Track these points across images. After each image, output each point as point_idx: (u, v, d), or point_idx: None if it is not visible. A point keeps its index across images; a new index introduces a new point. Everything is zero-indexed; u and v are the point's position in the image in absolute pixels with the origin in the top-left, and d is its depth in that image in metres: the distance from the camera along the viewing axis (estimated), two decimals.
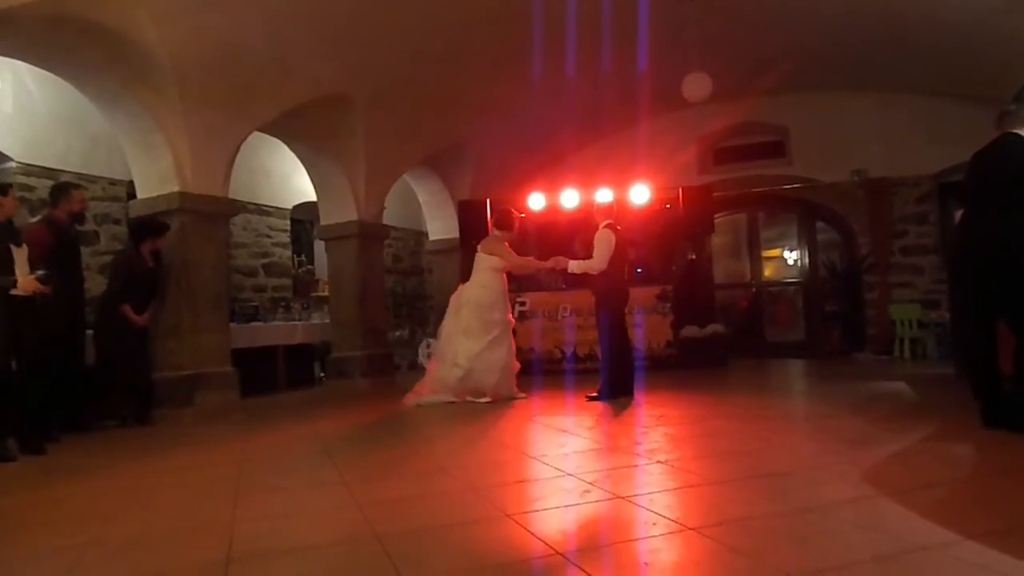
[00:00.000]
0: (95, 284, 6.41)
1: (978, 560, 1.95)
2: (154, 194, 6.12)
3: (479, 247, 6.29)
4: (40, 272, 4.41)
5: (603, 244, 5.76)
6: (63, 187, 5.49)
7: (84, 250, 6.42)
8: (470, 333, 5.99)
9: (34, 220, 5.33)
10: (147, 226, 5.86)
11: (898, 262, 9.91)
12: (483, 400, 5.93)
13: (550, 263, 6.20)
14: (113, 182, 7.09)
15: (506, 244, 6.25)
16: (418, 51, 7.24)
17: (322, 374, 8.88)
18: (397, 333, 10.16)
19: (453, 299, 6.25)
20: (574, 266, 5.94)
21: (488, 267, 6.14)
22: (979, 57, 7.68)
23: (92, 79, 5.73)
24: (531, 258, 6.60)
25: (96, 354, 5.59)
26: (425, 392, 6.12)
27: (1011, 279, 3.74)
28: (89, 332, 5.61)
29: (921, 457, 3.42)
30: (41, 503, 3.25)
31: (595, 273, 5.82)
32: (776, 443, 3.87)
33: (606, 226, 5.85)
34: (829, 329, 10.39)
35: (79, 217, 5.50)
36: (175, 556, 2.35)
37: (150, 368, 5.90)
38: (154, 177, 6.12)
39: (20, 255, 4.40)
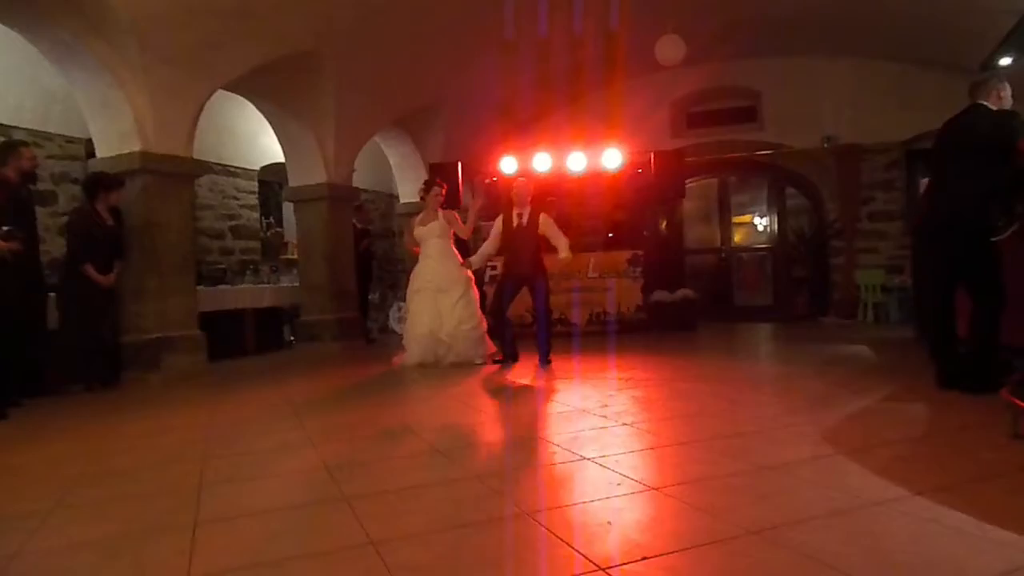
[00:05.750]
0: (56, 246, 6.24)
1: (926, 514, 2.04)
2: (114, 153, 5.93)
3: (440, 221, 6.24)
4: (5, 228, 4.28)
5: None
6: (11, 144, 5.27)
7: (43, 211, 6.24)
8: (464, 303, 6.07)
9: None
10: (99, 181, 5.63)
11: (864, 228, 10.07)
12: (452, 362, 5.99)
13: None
14: (70, 140, 6.85)
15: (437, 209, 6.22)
16: (388, 8, 7.06)
17: (292, 338, 8.82)
18: (368, 296, 10.09)
19: (429, 284, 6.12)
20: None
21: (438, 236, 6.16)
22: (951, 25, 7.74)
23: (45, 31, 5.47)
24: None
25: (60, 317, 5.47)
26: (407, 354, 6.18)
27: (970, 245, 3.84)
28: (52, 295, 5.48)
29: (878, 417, 3.52)
30: (3, 467, 3.21)
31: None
32: (740, 404, 3.96)
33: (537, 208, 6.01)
34: (796, 294, 10.59)
35: (30, 176, 5.27)
36: (141, 519, 2.34)
37: (117, 330, 5.79)
38: (114, 136, 5.92)
39: None
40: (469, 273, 6.19)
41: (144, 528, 2.25)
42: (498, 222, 6.12)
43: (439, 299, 6.00)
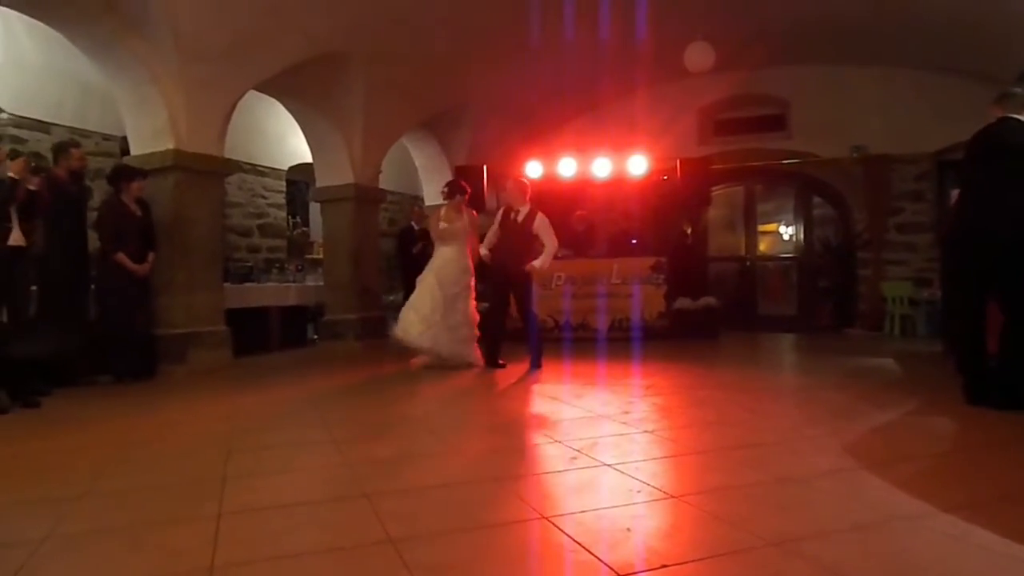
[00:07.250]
0: (90, 240, 6.38)
1: (952, 531, 2.01)
2: (148, 151, 6.04)
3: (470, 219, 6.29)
4: None
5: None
6: (63, 145, 5.56)
7: None
8: (462, 304, 6.08)
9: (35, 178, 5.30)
10: (121, 172, 5.74)
11: (892, 239, 9.92)
12: (465, 366, 5.98)
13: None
14: (107, 137, 7.02)
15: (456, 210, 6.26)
16: (417, 10, 7.12)
17: (315, 336, 8.91)
18: (391, 297, 10.16)
19: (435, 274, 6.16)
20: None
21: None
22: (983, 33, 7.61)
23: (84, 29, 5.61)
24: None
25: (97, 308, 5.59)
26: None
27: (1000, 258, 3.77)
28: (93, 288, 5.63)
29: (902, 431, 3.48)
30: (31, 455, 3.28)
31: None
32: (761, 414, 3.93)
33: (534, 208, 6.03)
34: (821, 304, 10.45)
35: (79, 174, 5.50)
36: (167, 509, 2.39)
37: (152, 321, 5.89)
38: (148, 133, 6.04)
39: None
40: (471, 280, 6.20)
41: (169, 517, 2.29)
42: (499, 215, 6.22)
43: (437, 291, 6.01)
